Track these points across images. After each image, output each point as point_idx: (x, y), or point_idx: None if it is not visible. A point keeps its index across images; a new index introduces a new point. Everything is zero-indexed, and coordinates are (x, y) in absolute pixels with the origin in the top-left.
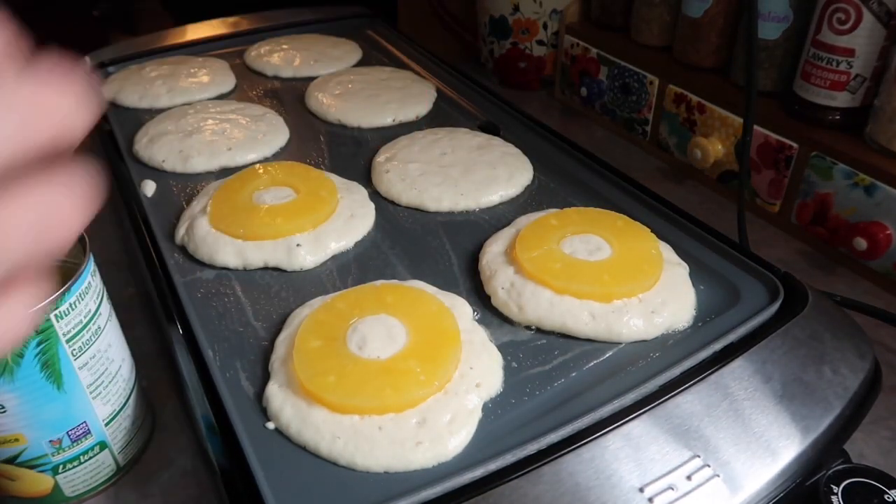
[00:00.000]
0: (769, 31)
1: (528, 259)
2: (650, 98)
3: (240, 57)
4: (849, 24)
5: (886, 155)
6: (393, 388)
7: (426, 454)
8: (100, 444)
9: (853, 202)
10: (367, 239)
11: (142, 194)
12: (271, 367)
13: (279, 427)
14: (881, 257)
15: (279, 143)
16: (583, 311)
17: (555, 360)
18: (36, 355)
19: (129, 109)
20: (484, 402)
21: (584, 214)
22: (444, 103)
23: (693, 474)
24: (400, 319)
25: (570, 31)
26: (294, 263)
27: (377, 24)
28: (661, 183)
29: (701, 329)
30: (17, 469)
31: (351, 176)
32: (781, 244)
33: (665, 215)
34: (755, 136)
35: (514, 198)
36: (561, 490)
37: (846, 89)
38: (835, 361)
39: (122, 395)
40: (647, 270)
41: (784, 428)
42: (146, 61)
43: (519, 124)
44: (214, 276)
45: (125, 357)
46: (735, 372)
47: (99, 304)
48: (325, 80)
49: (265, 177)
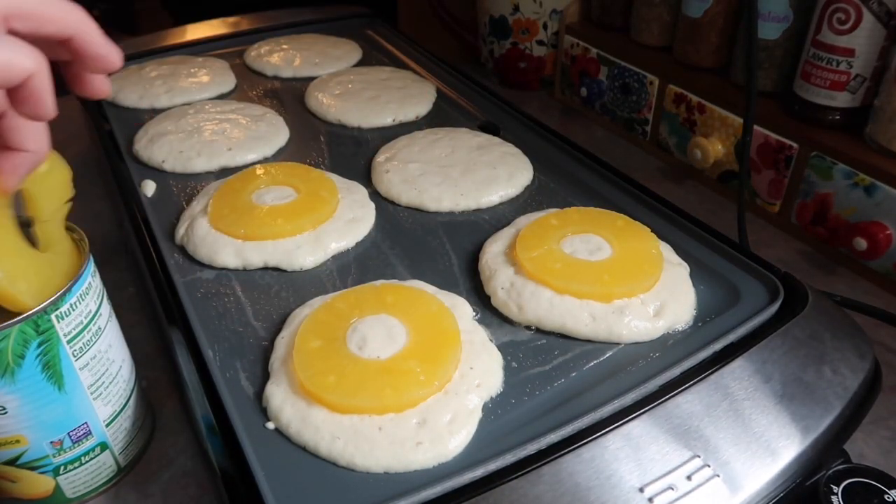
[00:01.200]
0: (769, 31)
1: (529, 259)
2: (650, 98)
3: (240, 57)
4: (849, 24)
5: (886, 155)
6: (393, 388)
7: (426, 454)
8: (101, 444)
9: (853, 202)
10: (367, 239)
11: (142, 194)
12: (271, 367)
13: (279, 427)
14: (881, 257)
15: (279, 143)
16: (583, 311)
17: (555, 360)
18: (37, 356)
19: (129, 109)
20: (484, 402)
21: (585, 214)
22: (444, 103)
23: (693, 474)
24: (400, 319)
25: (570, 31)
26: (294, 263)
27: (377, 24)
28: (661, 183)
29: (701, 329)
30: (18, 471)
31: (351, 176)
32: (781, 244)
33: (665, 215)
34: (755, 136)
35: (514, 198)
36: (561, 490)
37: (846, 89)
38: (835, 361)
39: (122, 396)
40: (648, 270)
41: (784, 428)
42: (146, 61)
43: (519, 124)
44: (214, 276)
45: (125, 357)
46: (735, 372)
47: (99, 304)
48: (325, 80)
49: (265, 177)
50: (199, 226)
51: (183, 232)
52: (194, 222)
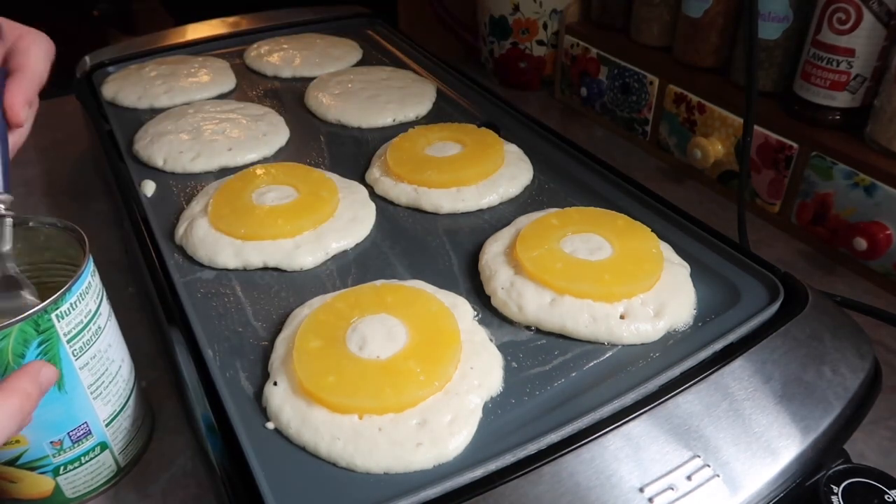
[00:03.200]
0: (769, 31)
1: (529, 258)
2: (650, 98)
3: (240, 57)
4: (849, 24)
5: (886, 155)
6: (393, 388)
7: (426, 455)
8: (100, 444)
9: (853, 202)
10: (368, 239)
11: (142, 194)
12: (271, 367)
13: (279, 427)
14: (881, 257)
15: (279, 143)
16: (583, 311)
17: (555, 360)
18: (37, 356)
19: (129, 109)
20: (484, 403)
21: (585, 214)
22: (444, 103)
23: (693, 474)
24: (400, 319)
25: (570, 31)
26: (294, 263)
27: (377, 24)
28: (661, 183)
29: (701, 329)
30: (18, 471)
31: (351, 176)
32: (781, 244)
33: (665, 215)
34: (755, 136)
35: (514, 198)
36: (561, 490)
37: (846, 89)
38: (835, 361)
39: (122, 396)
40: (649, 269)
41: (784, 428)
42: (146, 61)
43: (519, 124)
44: (214, 276)
45: (125, 357)
46: (735, 372)
47: (99, 304)
48: (325, 80)
49: (265, 177)
50: (199, 226)
51: (182, 232)
52: (194, 222)
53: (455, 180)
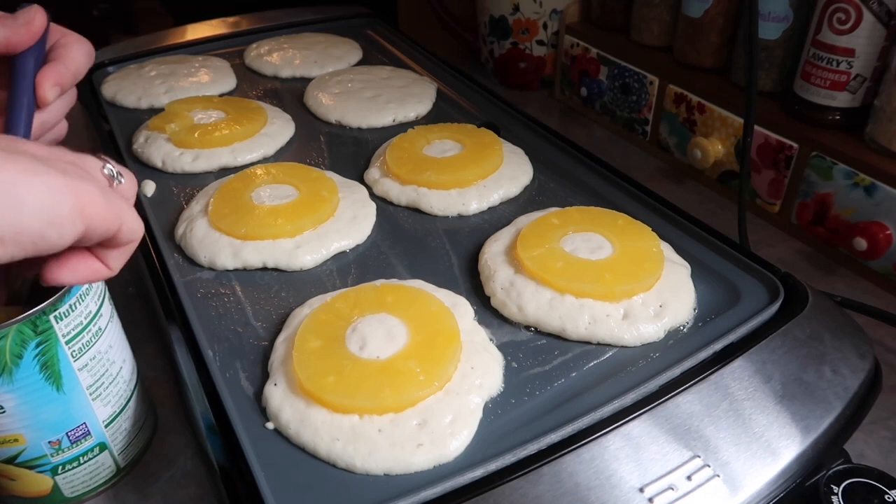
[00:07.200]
0: (769, 31)
1: (530, 258)
2: (650, 98)
3: (240, 57)
4: (849, 24)
5: (886, 155)
6: (393, 388)
7: (427, 456)
8: (99, 445)
9: (853, 202)
10: (368, 239)
11: (142, 194)
12: (271, 367)
13: (278, 427)
14: (881, 257)
15: (279, 142)
16: (583, 312)
17: (555, 360)
18: (35, 356)
19: (129, 109)
20: (484, 403)
21: (585, 213)
22: (444, 103)
23: (693, 474)
24: (400, 319)
25: (570, 31)
26: (294, 263)
27: (377, 24)
28: (661, 183)
29: (701, 329)
30: (16, 469)
31: (351, 176)
32: (781, 244)
33: (665, 215)
34: (755, 136)
35: (514, 198)
36: (561, 490)
37: (846, 89)
38: (835, 361)
39: (122, 397)
40: (650, 268)
41: (784, 428)
42: (146, 61)
43: (519, 124)
44: (214, 276)
45: (126, 358)
46: (735, 372)
47: (100, 305)
48: (325, 80)
49: (265, 177)
50: (199, 226)
51: (182, 232)
52: (194, 222)
53: (455, 181)
